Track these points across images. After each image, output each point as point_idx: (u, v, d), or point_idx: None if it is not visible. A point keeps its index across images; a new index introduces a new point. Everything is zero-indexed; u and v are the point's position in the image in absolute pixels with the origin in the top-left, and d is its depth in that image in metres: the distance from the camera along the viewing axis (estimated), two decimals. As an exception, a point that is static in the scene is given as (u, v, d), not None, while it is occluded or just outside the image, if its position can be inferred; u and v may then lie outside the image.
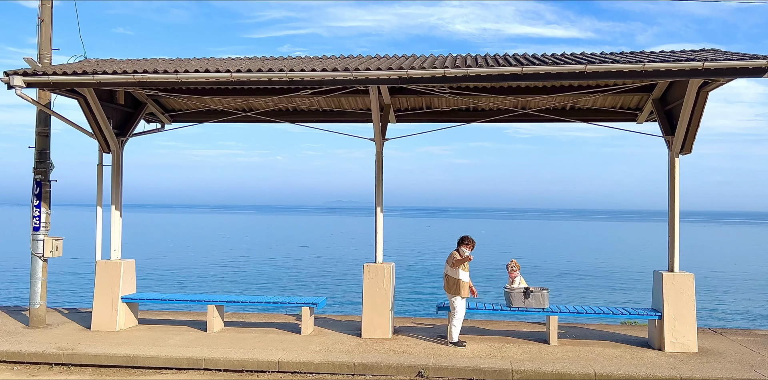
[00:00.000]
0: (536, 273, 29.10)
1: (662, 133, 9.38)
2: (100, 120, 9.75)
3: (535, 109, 10.40)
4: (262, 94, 10.19)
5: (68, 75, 8.39)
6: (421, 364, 7.86)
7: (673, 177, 9.07)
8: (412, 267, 31.45)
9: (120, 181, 10.28)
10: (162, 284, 24.63)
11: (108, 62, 9.90)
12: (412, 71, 7.93)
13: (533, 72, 7.79)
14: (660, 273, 9.01)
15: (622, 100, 10.30)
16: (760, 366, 7.87)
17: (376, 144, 9.75)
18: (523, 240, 63.10)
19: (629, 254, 44.45)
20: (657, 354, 8.51)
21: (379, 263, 9.59)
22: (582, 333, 9.85)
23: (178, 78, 8.27)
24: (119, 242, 10.25)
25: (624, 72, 7.73)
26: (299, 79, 8.21)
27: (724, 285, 26.64)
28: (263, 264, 34.28)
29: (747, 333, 10.13)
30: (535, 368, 7.71)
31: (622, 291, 24.67)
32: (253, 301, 10.20)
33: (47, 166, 10.17)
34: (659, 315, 8.83)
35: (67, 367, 8.18)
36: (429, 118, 10.84)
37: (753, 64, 7.39)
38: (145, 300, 10.12)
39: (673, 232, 9.07)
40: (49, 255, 9.99)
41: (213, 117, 11.04)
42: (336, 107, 10.85)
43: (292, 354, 8.23)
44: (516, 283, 9.33)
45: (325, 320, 10.70)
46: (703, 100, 8.45)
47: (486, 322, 10.77)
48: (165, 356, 8.17)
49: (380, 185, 9.77)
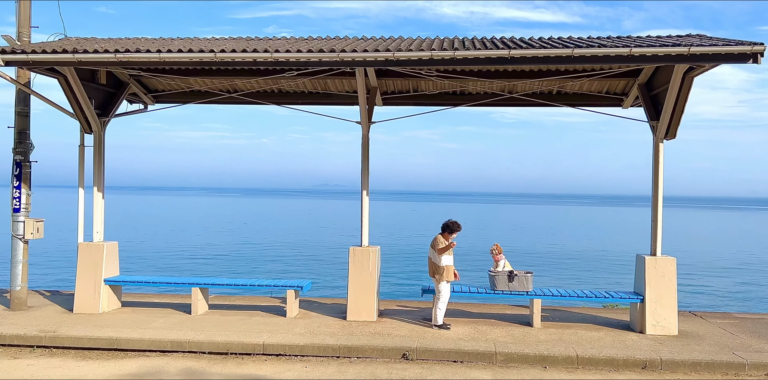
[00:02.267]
0: (521, 256, 29.33)
1: (647, 119, 9.40)
2: (82, 100, 9.59)
3: (522, 93, 10.37)
4: (247, 75, 10.06)
5: (48, 53, 8.22)
6: (406, 347, 7.90)
7: (657, 162, 9.12)
8: (398, 250, 31.57)
9: (102, 162, 10.14)
10: (146, 267, 24.51)
11: (89, 41, 9.71)
12: (399, 53, 7.86)
13: (520, 55, 7.75)
14: (642, 257, 9.10)
15: (608, 85, 10.31)
16: (738, 349, 8.00)
17: (362, 127, 9.70)
18: (509, 224, 63.51)
19: (612, 238, 44.93)
20: (638, 337, 8.63)
21: (364, 246, 9.59)
22: (565, 316, 9.95)
23: (161, 57, 8.13)
24: (102, 224, 10.15)
25: (611, 56, 7.71)
26: (284, 60, 8.10)
27: (705, 270, 27.04)
28: (248, 247, 34.22)
29: (726, 316, 10.29)
30: (518, 350, 7.79)
31: (605, 275, 24.97)
32: (237, 284, 10.18)
33: (27, 146, 10.01)
34: (641, 299, 8.93)
35: (49, 350, 8.13)
36: (416, 101, 10.78)
37: (738, 50, 7.41)
38: (128, 283, 10.06)
39: (656, 217, 9.14)
40: (30, 237, 9.87)
41: (197, 98, 10.90)
42: (322, 89, 10.75)
43: (277, 337, 8.23)
44: (500, 266, 9.38)
45: (311, 303, 10.72)
46: (688, 85, 8.47)
47: (470, 305, 10.84)
48: (149, 338, 8.15)
49: (366, 168, 9.73)
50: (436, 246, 8.94)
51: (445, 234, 9.00)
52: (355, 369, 7.41)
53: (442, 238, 8.97)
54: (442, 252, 8.88)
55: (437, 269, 8.94)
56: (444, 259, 8.89)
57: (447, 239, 8.98)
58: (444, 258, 8.90)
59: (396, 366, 7.52)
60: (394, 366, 7.55)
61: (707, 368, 7.45)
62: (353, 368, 7.45)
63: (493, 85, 10.17)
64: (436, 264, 8.94)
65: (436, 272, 8.95)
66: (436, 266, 8.94)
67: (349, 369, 7.38)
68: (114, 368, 7.37)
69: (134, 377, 7.02)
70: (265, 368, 7.43)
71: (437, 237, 9.02)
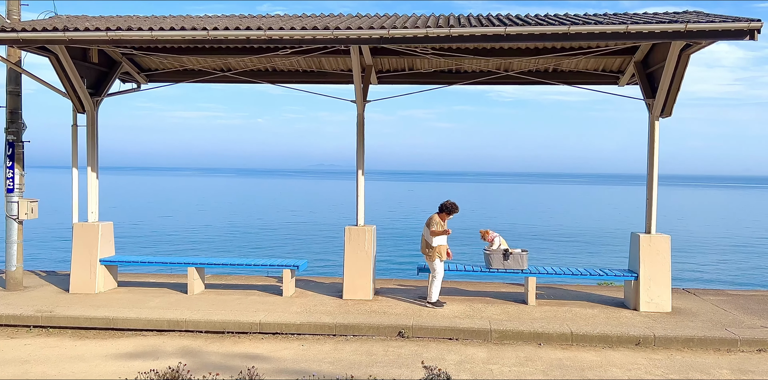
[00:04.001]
0: (516, 235, 29.45)
1: (643, 96, 9.37)
2: (73, 79, 9.48)
3: (518, 72, 10.31)
4: (241, 54, 9.95)
5: (38, 31, 8.10)
6: (402, 324, 7.96)
7: (652, 140, 9.10)
8: (394, 229, 31.65)
9: (95, 142, 10.08)
10: (141, 247, 24.54)
11: (80, 19, 9.57)
12: (394, 31, 7.77)
13: (516, 33, 7.68)
14: (637, 235, 9.14)
15: (604, 63, 10.24)
16: (730, 325, 8.09)
17: (357, 106, 9.63)
18: (504, 203, 63.66)
19: (607, 216, 45.12)
20: (632, 314, 8.71)
21: (360, 226, 9.60)
22: (560, 293, 10.03)
23: (153, 36, 8.02)
24: (96, 204, 10.12)
25: (607, 33, 7.65)
26: (278, 38, 8.01)
27: (699, 247, 27.23)
28: (244, 227, 34.25)
29: (719, 293, 10.39)
30: (513, 328, 7.86)
31: (600, 253, 25.12)
32: (234, 264, 10.19)
33: (19, 126, 9.92)
34: (635, 276, 9.00)
35: (45, 329, 8.16)
36: (411, 79, 10.71)
37: (735, 26, 7.36)
38: (124, 263, 10.07)
39: (651, 195, 9.16)
40: (24, 217, 9.85)
41: (190, 77, 10.80)
42: (317, 68, 10.66)
43: (274, 316, 8.28)
44: (496, 245, 9.40)
45: (307, 282, 10.77)
46: (685, 62, 8.42)
47: (466, 283, 10.91)
48: (145, 318, 8.18)
49: (362, 148, 9.69)
50: (431, 226, 8.95)
51: (442, 214, 9.01)
52: (351, 346, 7.47)
53: (438, 218, 8.98)
54: (436, 235, 8.92)
55: (430, 248, 8.98)
56: (437, 240, 8.93)
57: (443, 219, 9.00)
58: (437, 238, 8.93)
59: (392, 344, 7.58)
60: (390, 343, 7.61)
61: (700, 344, 7.53)
62: (349, 346, 7.51)
63: (489, 63, 10.10)
64: (429, 243, 8.97)
65: (429, 251, 9.00)
66: (429, 245, 8.98)
67: (345, 347, 7.44)
68: (111, 347, 7.40)
69: (131, 356, 7.06)
70: (261, 346, 7.49)
71: (433, 217, 9.03)
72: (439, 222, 8.97)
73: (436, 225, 8.95)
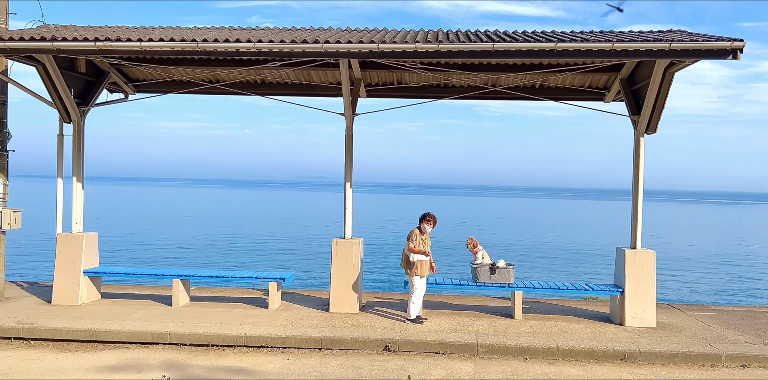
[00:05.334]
0: (502, 249, 29.51)
1: (628, 113, 9.48)
2: (60, 88, 9.44)
3: (505, 87, 10.40)
4: (230, 65, 9.96)
5: (26, 41, 8.07)
6: (388, 338, 7.93)
7: (638, 156, 9.20)
8: (381, 242, 31.59)
9: (81, 152, 10.00)
10: (126, 258, 24.29)
11: (69, 29, 9.55)
12: (383, 45, 7.83)
13: (504, 49, 7.77)
14: (622, 250, 9.20)
15: (590, 80, 10.37)
16: (714, 340, 8.14)
17: (346, 118, 9.66)
18: (491, 217, 63.83)
19: (593, 231, 45.35)
20: (618, 329, 8.74)
21: (347, 238, 9.58)
22: (546, 308, 10.04)
23: (141, 46, 8.02)
24: (81, 215, 10.02)
25: (593, 51, 7.76)
26: (268, 51, 8.04)
27: (683, 262, 27.41)
28: (230, 239, 34.04)
29: (704, 309, 10.46)
30: (499, 342, 7.85)
31: (586, 268, 25.22)
32: (219, 276, 10.12)
33: (5, 135, 9.85)
34: (621, 291, 9.04)
35: (27, 342, 8.03)
36: (400, 93, 10.77)
37: (718, 46, 7.49)
38: (108, 274, 9.97)
39: (636, 210, 9.24)
40: (7, 227, 9.72)
41: (178, 88, 10.78)
42: (305, 80, 10.69)
43: (259, 329, 8.21)
44: (479, 259, 9.41)
45: (293, 295, 10.70)
46: (669, 80, 8.55)
47: (452, 297, 10.90)
48: (129, 330, 8.08)
49: (350, 160, 9.71)
50: (410, 240, 8.84)
51: (422, 225, 8.91)
52: (337, 360, 7.43)
53: (417, 233, 8.87)
54: (412, 252, 8.78)
55: (408, 263, 8.88)
56: (416, 255, 8.80)
57: (423, 232, 8.89)
58: (416, 254, 8.80)
59: (378, 358, 7.54)
60: (376, 357, 7.57)
61: (684, 359, 7.57)
62: (335, 360, 7.46)
63: (477, 78, 10.19)
64: (408, 258, 8.87)
65: (408, 266, 8.90)
66: (408, 261, 8.89)
67: (331, 361, 7.39)
68: (93, 360, 7.30)
69: (114, 369, 6.96)
70: (246, 360, 7.42)
71: (413, 232, 8.94)
72: (417, 237, 8.83)
73: (413, 241, 8.83)
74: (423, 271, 8.84)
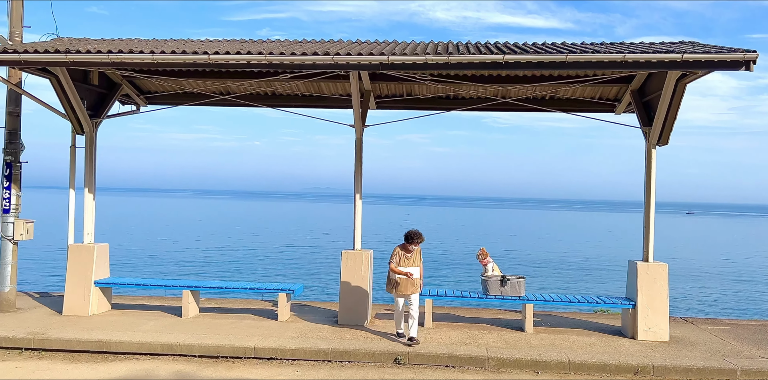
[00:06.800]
0: (512, 261, 29.35)
1: (640, 124, 9.43)
2: (73, 100, 9.53)
3: (515, 98, 10.40)
4: (240, 78, 10.03)
5: (40, 53, 8.16)
6: (398, 351, 7.87)
7: (649, 168, 9.15)
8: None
9: (93, 164, 10.08)
10: (136, 269, 24.36)
11: (82, 41, 9.65)
12: (394, 57, 7.85)
13: (514, 60, 7.76)
14: (634, 262, 9.11)
15: (601, 91, 10.34)
16: (729, 355, 8.02)
17: (356, 130, 9.68)
18: (500, 228, 63.59)
19: (604, 244, 45.05)
20: (630, 343, 8.64)
21: (357, 250, 9.56)
22: (557, 321, 9.95)
23: (154, 59, 8.09)
24: (92, 226, 10.07)
25: (604, 62, 7.73)
26: (278, 63, 8.08)
27: (696, 275, 27.15)
28: (240, 250, 34.08)
29: (717, 323, 10.32)
30: (510, 355, 7.77)
31: (597, 281, 25.02)
32: (229, 287, 10.10)
33: (18, 146, 9.93)
34: (633, 304, 8.94)
35: (37, 352, 8.04)
36: (409, 105, 10.78)
37: (731, 57, 7.44)
38: (118, 285, 9.99)
39: (648, 223, 9.16)
40: (20, 237, 9.79)
41: (189, 100, 10.85)
42: (316, 92, 10.74)
43: (269, 341, 8.19)
44: (489, 271, 9.36)
45: (302, 307, 10.67)
46: (681, 92, 8.50)
47: (462, 309, 10.83)
48: (139, 341, 8.08)
49: (359, 172, 9.71)
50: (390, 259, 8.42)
51: (405, 244, 8.41)
52: (346, 373, 7.38)
53: (399, 251, 8.40)
54: (392, 271, 8.40)
55: (388, 280, 8.53)
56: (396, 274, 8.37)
57: (406, 250, 8.39)
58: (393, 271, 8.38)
59: (388, 371, 7.48)
60: (386, 370, 7.52)
61: (698, 374, 7.45)
62: (345, 372, 7.41)
63: (487, 90, 10.19)
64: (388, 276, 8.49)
65: (387, 283, 8.54)
66: (387, 278, 8.53)
67: (340, 374, 7.34)
68: (103, 371, 7.30)
69: (123, 380, 6.95)
70: (255, 372, 7.38)
71: (395, 250, 8.46)
72: (396, 255, 8.39)
73: (393, 259, 8.41)
74: (399, 290, 8.35)
